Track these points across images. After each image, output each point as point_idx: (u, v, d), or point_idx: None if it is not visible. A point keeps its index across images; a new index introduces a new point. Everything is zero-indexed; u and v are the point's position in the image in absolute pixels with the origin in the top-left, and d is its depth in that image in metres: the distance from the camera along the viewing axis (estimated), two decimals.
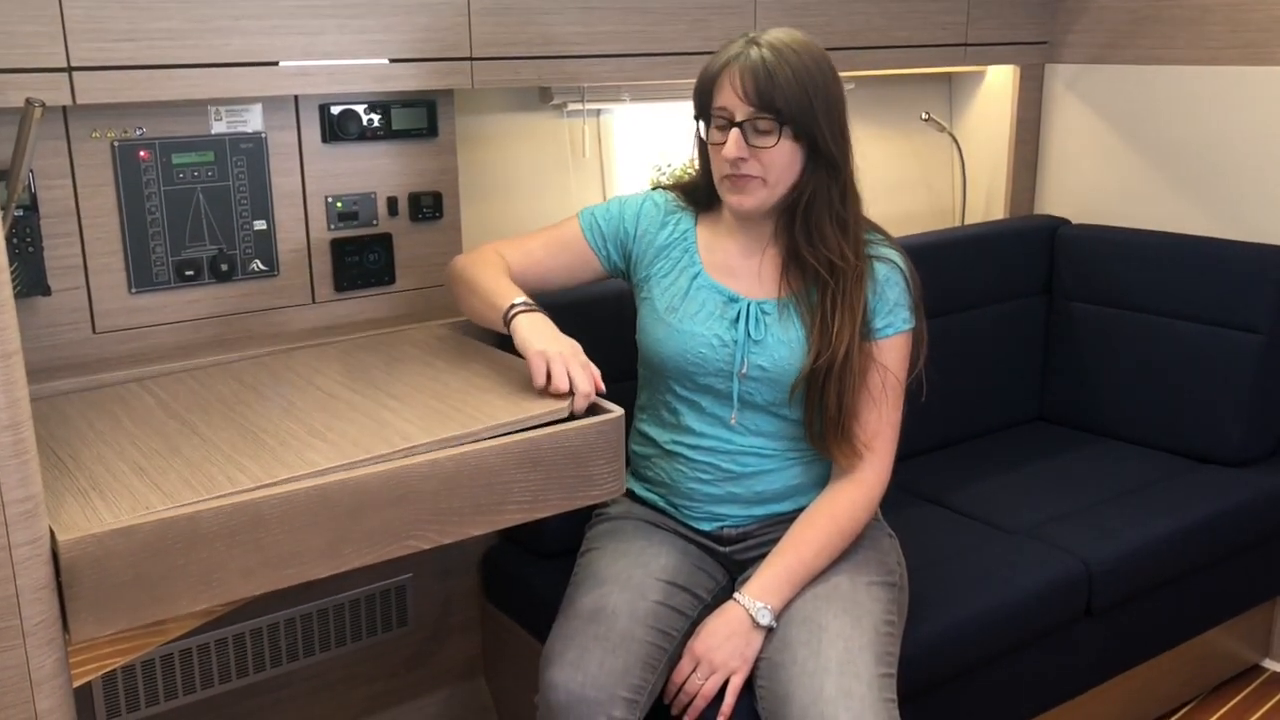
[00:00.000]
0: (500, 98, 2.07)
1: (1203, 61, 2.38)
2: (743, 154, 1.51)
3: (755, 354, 1.58)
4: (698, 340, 1.60)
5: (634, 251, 1.69)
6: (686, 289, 1.63)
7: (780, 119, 1.49)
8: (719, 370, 1.60)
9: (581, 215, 1.72)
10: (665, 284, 1.65)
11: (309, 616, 1.86)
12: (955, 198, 2.76)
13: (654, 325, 1.65)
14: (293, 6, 1.63)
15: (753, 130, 1.51)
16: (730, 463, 1.63)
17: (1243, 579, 2.21)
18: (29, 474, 1.05)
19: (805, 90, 1.49)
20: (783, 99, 1.48)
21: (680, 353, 1.61)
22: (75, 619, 1.10)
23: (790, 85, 1.48)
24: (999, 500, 2.11)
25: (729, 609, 1.53)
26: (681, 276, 1.64)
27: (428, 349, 1.71)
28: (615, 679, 1.44)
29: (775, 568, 1.55)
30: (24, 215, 1.53)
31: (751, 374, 1.59)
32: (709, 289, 1.62)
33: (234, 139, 1.68)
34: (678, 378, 1.63)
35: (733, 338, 1.59)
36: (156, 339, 1.67)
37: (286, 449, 1.31)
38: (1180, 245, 2.33)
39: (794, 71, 1.49)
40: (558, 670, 1.45)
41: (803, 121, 1.50)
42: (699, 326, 1.61)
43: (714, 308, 1.61)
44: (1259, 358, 2.20)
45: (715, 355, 1.60)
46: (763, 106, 1.49)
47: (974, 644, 1.74)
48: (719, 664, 1.49)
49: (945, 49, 2.42)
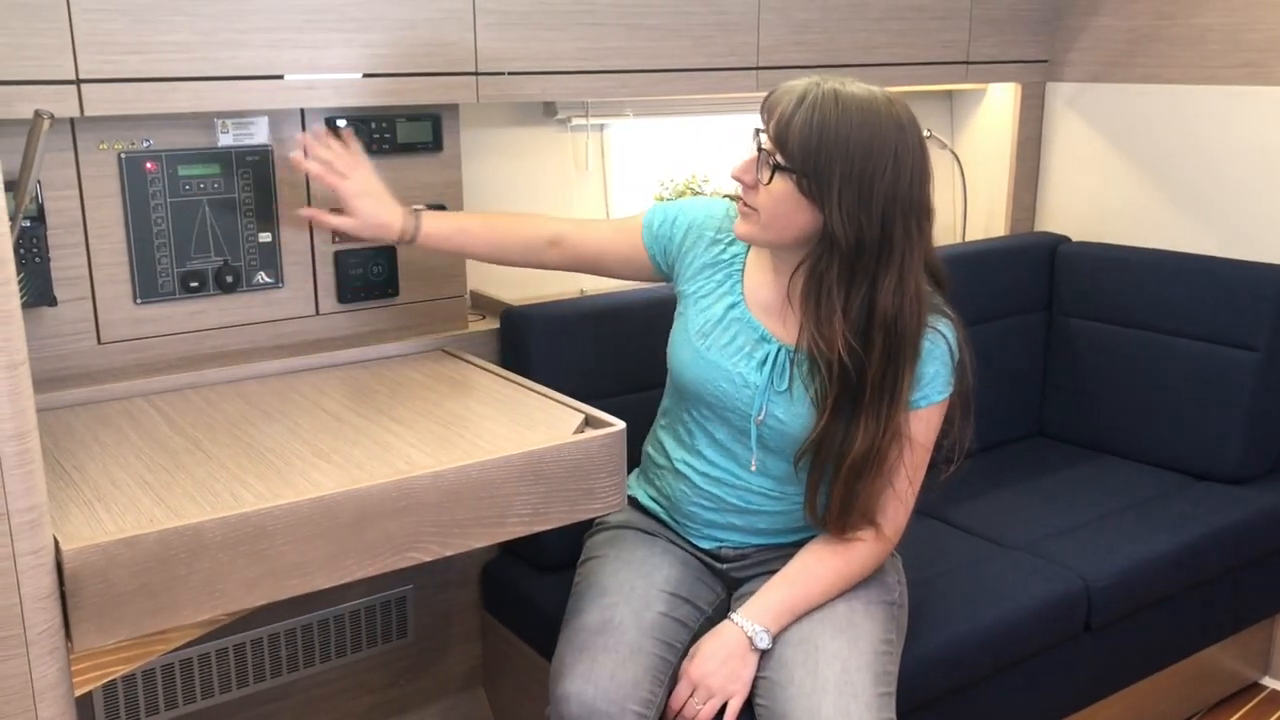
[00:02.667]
0: (504, 112, 2.08)
1: (1202, 81, 2.39)
2: (745, 177, 1.45)
3: (774, 403, 1.52)
4: (721, 374, 1.54)
5: (677, 264, 1.64)
6: (721, 317, 1.56)
7: (791, 165, 1.39)
8: (738, 410, 1.55)
9: (649, 210, 1.67)
10: (703, 305, 1.59)
11: (309, 627, 1.87)
12: (956, 214, 2.77)
13: (682, 346, 1.60)
14: (299, 20, 1.64)
15: (764, 162, 1.43)
16: (736, 498, 1.61)
17: (1242, 596, 2.21)
18: (34, 484, 1.05)
19: (823, 148, 1.37)
20: (794, 144, 1.38)
21: (702, 381, 1.56)
22: (78, 628, 1.11)
23: (806, 135, 1.37)
24: (998, 516, 2.11)
25: (725, 630, 1.51)
26: (720, 303, 1.57)
27: (432, 374, 1.72)
28: (626, 691, 1.43)
29: (779, 595, 1.52)
30: (31, 226, 1.53)
31: (769, 422, 1.53)
32: (744, 323, 1.55)
33: (240, 151, 1.69)
34: (696, 404, 1.60)
35: (756, 381, 1.53)
36: (161, 350, 1.68)
37: (292, 469, 1.32)
38: (1180, 263, 2.34)
39: (820, 124, 1.36)
40: (569, 682, 1.44)
41: (810, 178, 1.38)
42: (726, 360, 1.54)
43: (744, 343, 1.54)
44: (1257, 376, 2.20)
45: (737, 395, 1.54)
46: (778, 144, 1.41)
47: (972, 660, 1.74)
48: (716, 689, 1.47)
49: (947, 67, 2.43)
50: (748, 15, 2.09)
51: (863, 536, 1.53)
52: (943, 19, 2.39)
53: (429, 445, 1.39)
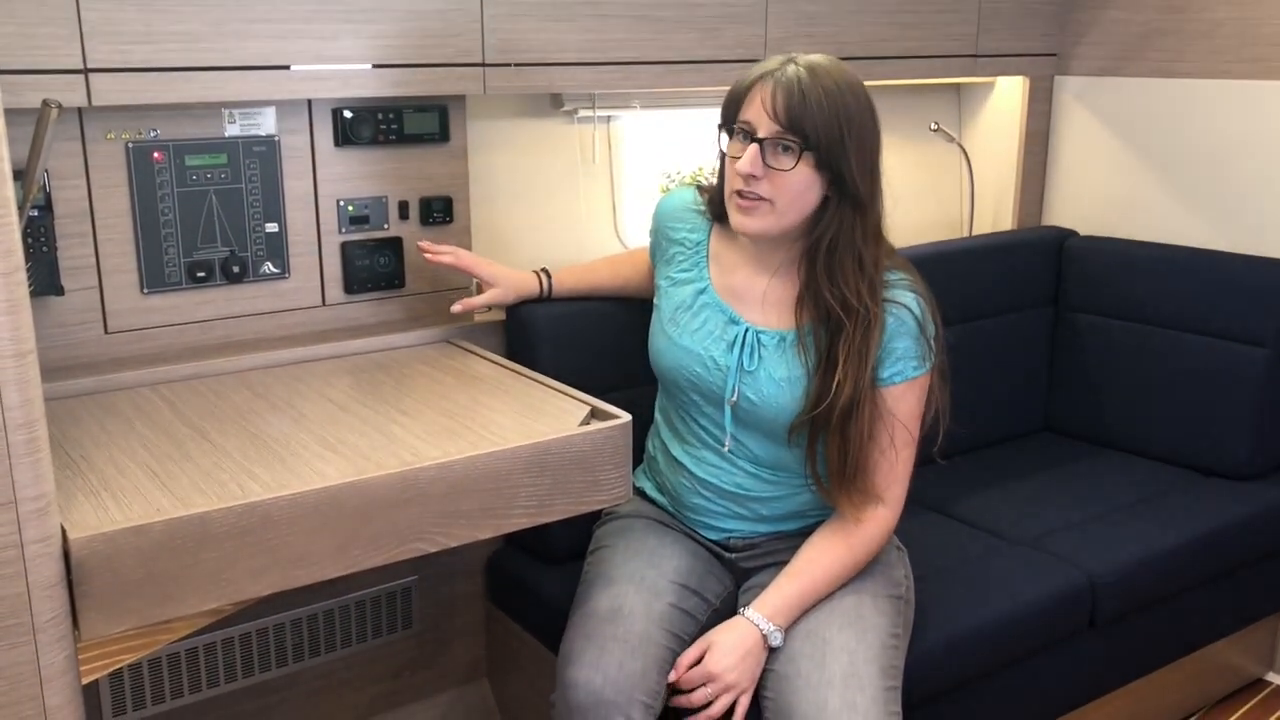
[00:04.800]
0: (511, 103, 2.07)
1: (1212, 75, 2.38)
2: (756, 171, 1.45)
3: (746, 384, 1.55)
4: (693, 358, 1.58)
5: (656, 256, 1.69)
6: (690, 303, 1.61)
7: (805, 144, 1.43)
8: (711, 393, 1.57)
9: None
10: (672, 293, 1.64)
11: (315, 617, 1.87)
12: (963, 208, 2.76)
13: (657, 334, 1.64)
14: (307, 11, 1.64)
15: (773, 150, 1.44)
16: (730, 484, 1.62)
17: (1247, 592, 2.21)
18: (42, 472, 1.05)
19: (838, 119, 1.42)
20: (812, 124, 1.42)
21: (678, 367, 1.59)
22: (85, 617, 1.11)
23: (822, 111, 1.42)
24: (1004, 511, 2.11)
25: (741, 626, 1.50)
26: (688, 288, 1.62)
27: (438, 365, 1.73)
28: (634, 682, 1.44)
29: (787, 591, 1.52)
30: (38, 215, 1.54)
31: (742, 404, 1.55)
32: (713, 306, 1.59)
33: (247, 142, 1.69)
34: (678, 391, 1.63)
35: (727, 363, 1.56)
36: (168, 340, 1.68)
37: (298, 459, 1.32)
38: (1188, 258, 2.33)
39: (828, 98, 1.42)
40: (577, 670, 1.45)
41: (830, 152, 1.43)
42: (697, 344, 1.58)
43: (714, 327, 1.58)
44: (1265, 372, 2.20)
45: (710, 377, 1.57)
46: (789, 127, 1.43)
47: (977, 655, 1.74)
48: (731, 684, 1.47)
49: (955, 60, 2.42)
50: (756, 7, 2.08)
51: (865, 512, 1.54)
52: (951, 12, 2.38)
53: (435, 436, 1.39)
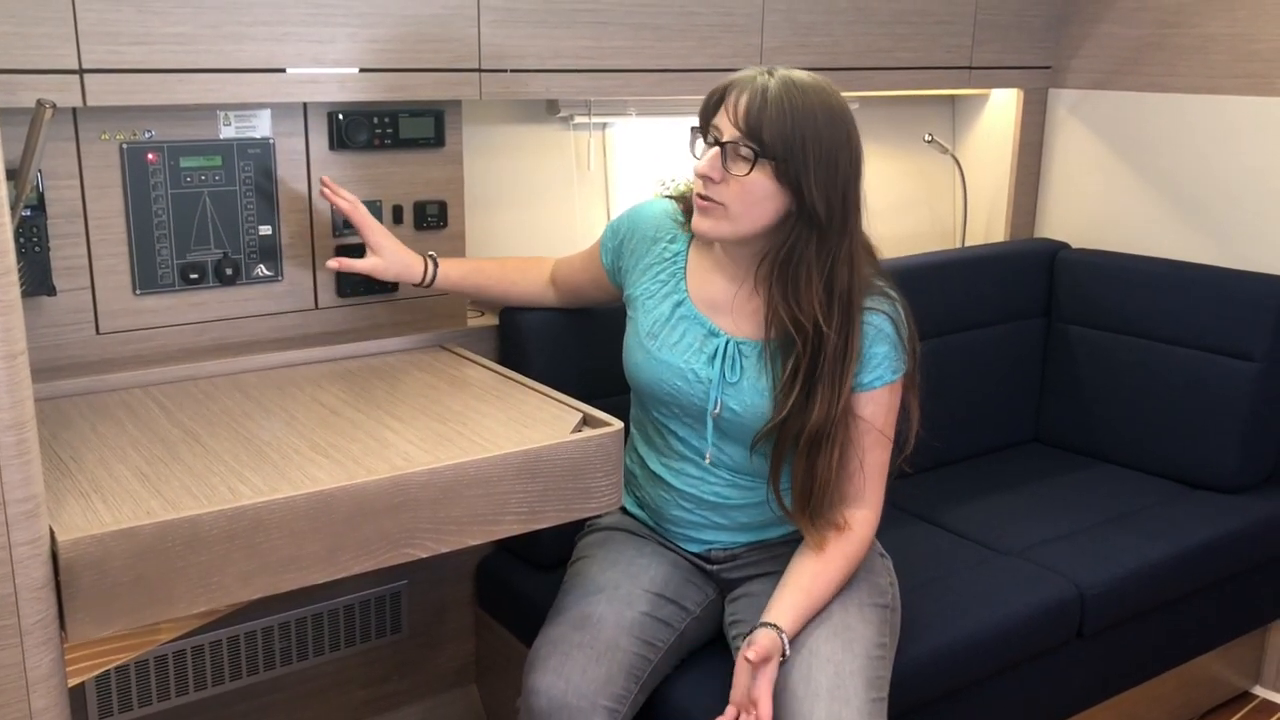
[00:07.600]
0: (507, 109, 2.08)
1: (1205, 90, 2.39)
2: (713, 174, 1.45)
3: (729, 395, 1.54)
4: (673, 372, 1.57)
5: (624, 269, 1.67)
6: (669, 316, 1.59)
7: (761, 152, 1.42)
8: (693, 406, 1.57)
9: (605, 229, 1.71)
10: (649, 306, 1.61)
11: (304, 621, 1.87)
12: (956, 219, 2.77)
13: (634, 349, 1.62)
14: (304, 15, 1.64)
15: (733, 155, 1.44)
16: (710, 494, 1.61)
17: (1235, 605, 2.22)
18: (31, 474, 1.05)
19: (799, 132, 1.41)
20: (770, 133, 1.41)
21: (657, 381, 1.58)
22: (73, 619, 1.11)
23: (782, 121, 1.41)
24: (993, 521, 2.12)
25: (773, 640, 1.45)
26: (666, 302, 1.60)
27: (430, 370, 1.72)
28: (597, 687, 1.44)
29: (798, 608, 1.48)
30: (31, 215, 1.53)
31: (725, 415, 1.55)
32: (691, 319, 1.58)
33: (242, 144, 1.69)
34: (655, 405, 1.62)
35: (708, 375, 1.55)
36: (160, 341, 1.68)
37: (289, 463, 1.32)
38: (1179, 272, 2.34)
39: (792, 109, 1.41)
40: (540, 676, 1.45)
41: (786, 162, 1.42)
42: (677, 358, 1.57)
43: (694, 340, 1.57)
44: (1255, 385, 2.21)
45: (691, 390, 1.56)
46: (747, 134, 1.42)
47: (965, 665, 1.74)
48: None
49: (950, 71, 2.43)
50: (753, 17, 2.09)
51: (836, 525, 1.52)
52: (947, 24, 2.39)
53: (426, 441, 1.39)
